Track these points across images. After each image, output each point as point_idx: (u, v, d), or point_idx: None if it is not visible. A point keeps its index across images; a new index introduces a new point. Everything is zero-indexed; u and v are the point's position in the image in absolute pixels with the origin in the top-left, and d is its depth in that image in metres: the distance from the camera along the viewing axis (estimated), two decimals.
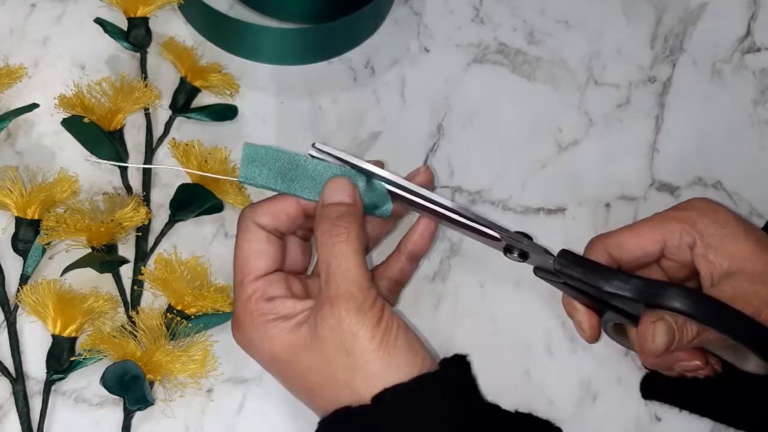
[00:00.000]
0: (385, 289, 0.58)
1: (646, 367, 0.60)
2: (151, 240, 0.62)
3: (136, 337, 0.56)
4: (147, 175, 0.64)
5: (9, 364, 0.58)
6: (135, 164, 0.64)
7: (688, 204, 0.56)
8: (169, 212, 0.62)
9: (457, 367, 0.52)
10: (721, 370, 0.55)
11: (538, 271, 0.56)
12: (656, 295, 0.50)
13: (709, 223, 0.54)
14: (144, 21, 0.67)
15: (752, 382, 0.54)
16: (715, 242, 0.54)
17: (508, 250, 0.55)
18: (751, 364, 0.55)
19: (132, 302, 0.60)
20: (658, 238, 0.55)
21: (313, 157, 0.55)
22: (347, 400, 0.50)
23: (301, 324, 0.51)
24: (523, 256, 0.55)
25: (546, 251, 0.54)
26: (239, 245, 0.53)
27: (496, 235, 0.55)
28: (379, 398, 0.49)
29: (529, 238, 0.55)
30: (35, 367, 0.58)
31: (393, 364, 0.49)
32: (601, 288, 0.52)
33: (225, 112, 0.67)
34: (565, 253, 0.53)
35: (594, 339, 0.57)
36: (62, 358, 0.57)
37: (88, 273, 0.58)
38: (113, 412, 0.57)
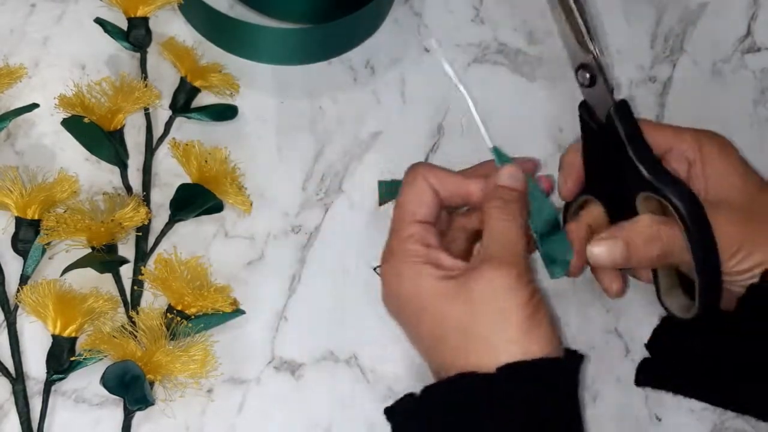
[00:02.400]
0: (464, 241, 0.58)
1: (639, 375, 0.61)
2: (151, 240, 0.62)
3: (136, 337, 0.56)
4: (147, 175, 0.64)
5: (9, 364, 0.58)
6: (134, 165, 0.64)
7: (703, 130, 0.58)
8: (169, 212, 0.62)
9: (577, 361, 0.53)
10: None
11: (584, 107, 0.56)
12: (666, 185, 0.52)
13: (714, 150, 0.56)
14: (144, 21, 0.67)
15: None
16: (713, 169, 0.56)
17: (582, 67, 0.55)
18: (674, 301, 0.57)
19: (132, 302, 0.60)
20: (668, 141, 0.57)
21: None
22: (480, 354, 0.50)
23: (450, 277, 0.52)
24: (592, 82, 0.55)
25: (611, 92, 0.54)
26: (407, 190, 0.55)
27: (592, 50, 0.54)
28: (503, 370, 0.49)
29: (606, 70, 0.55)
30: (35, 367, 0.58)
31: (536, 336, 0.50)
32: (629, 151, 0.53)
33: (225, 112, 0.67)
34: (625, 104, 0.54)
35: (569, 197, 0.60)
36: (62, 358, 0.57)
37: (88, 273, 0.58)
38: (113, 412, 0.57)
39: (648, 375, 0.60)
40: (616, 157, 0.54)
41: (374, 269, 0.60)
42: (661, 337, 0.60)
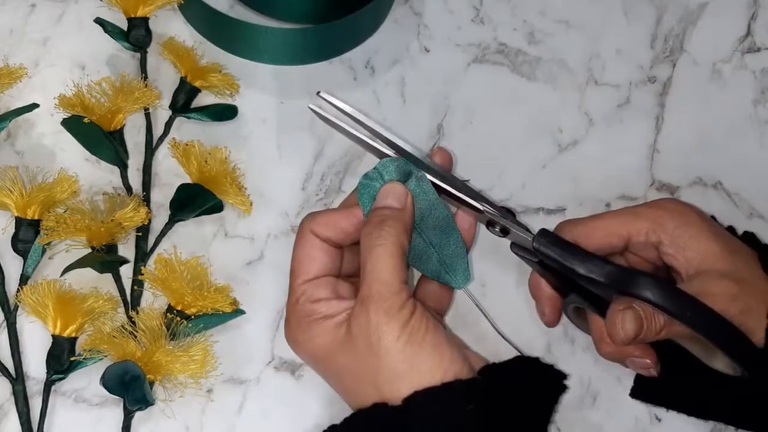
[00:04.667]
0: None
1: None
2: (151, 240, 0.62)
3: (136, 337, 0.56)
4: (147, 175, 0.64)
5: (9, 364, 0.58)
6: (134, 165, 0.64)
7: (659, 203, 0.57)
8: (169, 212, 0.62)
9: (509, 375, 0.52)
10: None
11: (515, 247, 0.56)
12: (629, 284, 0.51)
13: (678, 224, 0.55)
14: (144, 21, 0.67)
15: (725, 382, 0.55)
16: (684, 243, 0.55)
17: (490, 224, 0.56)
18: (719, 362, 0.55)
19: (132, 302, 0.60)
20: (623, 233, 0.56)
21: (312, 110, 0.56)
22: (374, 400, 0.50)
23: (340, 324, 0.52)
24: (504, 232, 0.56)
25: (526, 229, 0.55)
26: (294, 250, 0.55)
27: (479, 207, 0.55)
28: (409, 400, 0.49)
29: (513, 214, 0.56)
30: (35, 367, 0.58)
31: (416, 366, 0.49)
32: (575, 270, 0.52)
33: (225, 112, 0.67)
34: (544, 233, 0.54)
35: (553, 323, 0.59)
36: (62, 358, 0.57)
37: (88, 273, 0.58)
38: (113, 412, 0.57)
39: (644, 389, 0.60)
40: (570, 275, 0.53)
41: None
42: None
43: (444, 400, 0.49)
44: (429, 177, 0.55)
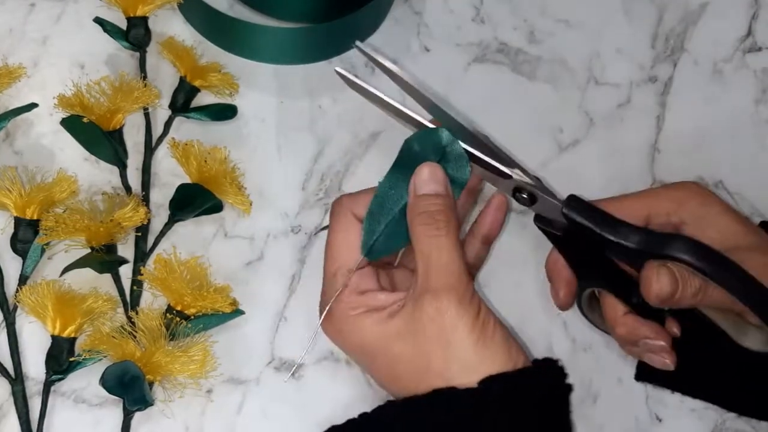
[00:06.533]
0: None
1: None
2: (151, 240, 0.62)
3: (135, 337, 0.56)
4: (146, 174, 0.64)
5: (8, 364, 0.58)
6: (133, 164, 0.64)
7: (679, 184, 0.57)
8: (168, 212, 0.62)
9: (554, 370, 0.51)
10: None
11: (539, 219, 0.54)
12: (664, 246, 0.49)
13: (701, 203, 0.55)
14: (143, 20, 0.67)
15: (751, 361, 0.54)
16: (708, 222, 0.54)
17: (517, 191, 0.53)
18: (750, 338, 0.54)
19: (131, 302, 0.60)
20: (644, 213, 0.55)
21: (339, 74, 0.53)
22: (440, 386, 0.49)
23: (393, 314, 0.50)
24: (532, 199, 0.53)
25: (555, 196, 0.52)
26: (334, 235, 0.53)
27: (509, 173, 0.52)
28: (486, 383, 0.48)
29: (540, 182, 0.53)
30: (34, 367, 0.58)
31: (490, 357, 0.49)
32: (605, 237, 0.50)
33: (225, 112, 0.67)
34: (574, 198, 0.52)
35: (567, 306, 0.57)
36: (61, 359, 0.57)
37: (88, 273, 0.58)
38: (113, 412, 0.57)
39: (649, 370, 0.60)
40: (598, 247, 0.51)
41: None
42: None
43: (520, 383, 0.49)
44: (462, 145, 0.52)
